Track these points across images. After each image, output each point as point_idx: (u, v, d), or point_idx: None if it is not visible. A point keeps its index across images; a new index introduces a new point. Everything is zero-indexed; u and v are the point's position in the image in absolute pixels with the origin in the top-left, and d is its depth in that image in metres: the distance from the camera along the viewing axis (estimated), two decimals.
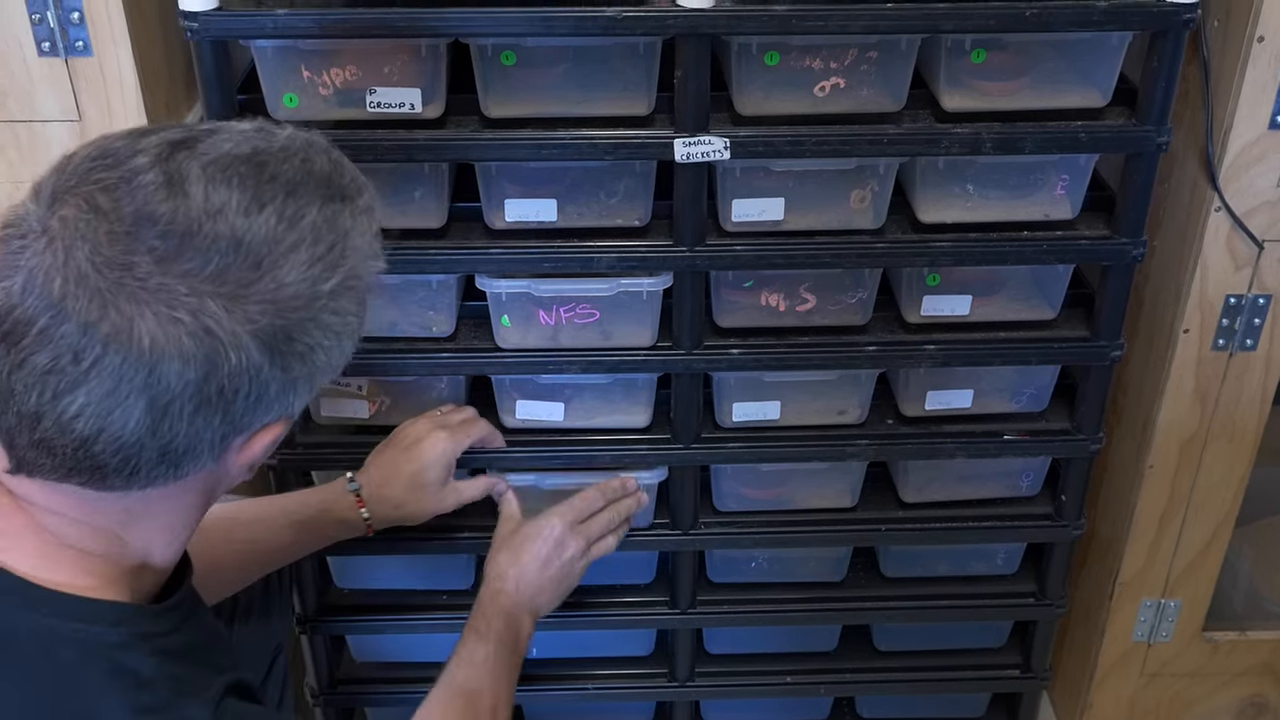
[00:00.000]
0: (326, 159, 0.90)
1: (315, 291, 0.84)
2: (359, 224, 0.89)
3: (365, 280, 0.89)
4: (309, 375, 0.87)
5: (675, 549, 1.60)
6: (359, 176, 0.92)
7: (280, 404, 0.87)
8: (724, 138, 1.30)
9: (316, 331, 0.85)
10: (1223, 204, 1.40)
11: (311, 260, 0.84)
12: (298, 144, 0.89)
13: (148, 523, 0.92)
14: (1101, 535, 1.72)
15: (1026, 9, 1.24)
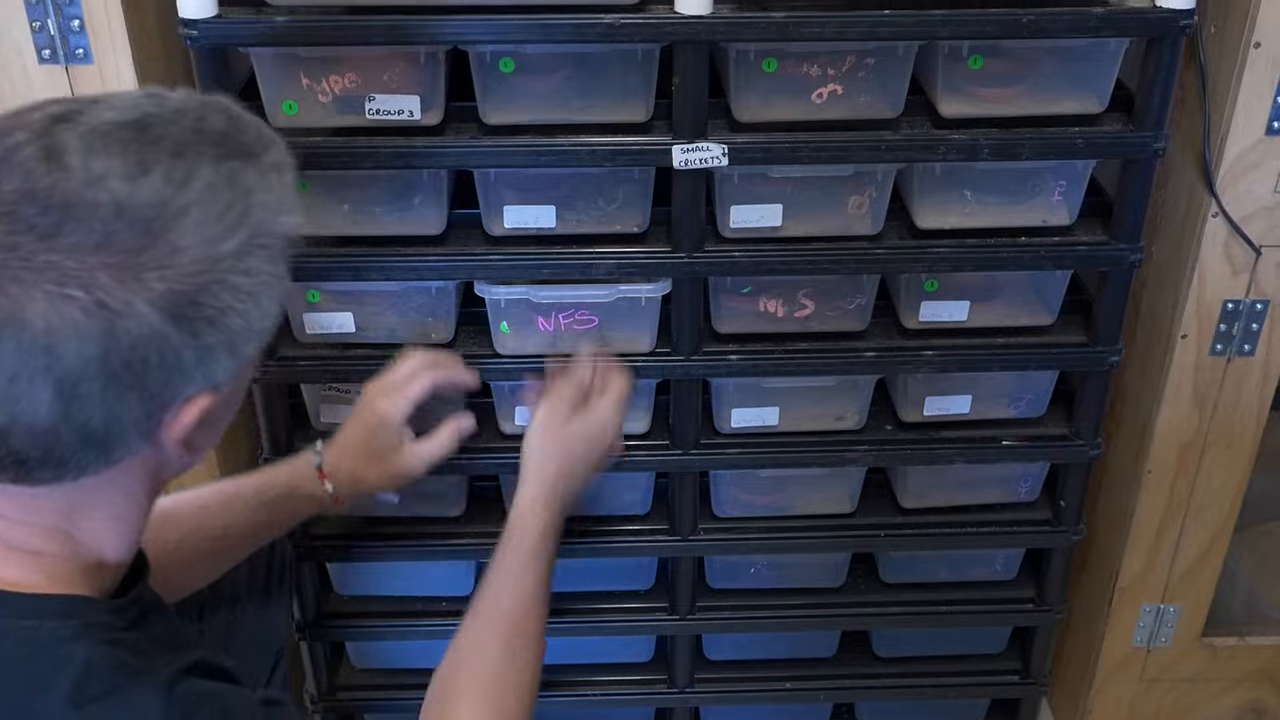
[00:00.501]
0: (224, 117, 0.86)
1: (216, 253, 0.81)
2: (266, 181, 0.86)
3: (278, 237, 0.86)
4: (227, 341, 0.84)
5: (674, 555, 1.61)
6: (265, 133, 0.89)
7: (201, 373, 0.84)
8: (722, 144, 1.30)
9: (225, 294, 0.82)
10: (1220, 209, 1.40)
11: (207, 221, 0.81)
12: (191, 105, 0.85)
13: (93, 515, 0.90)
14: (1100, 541, 1.72)
15: (1023, 15, 1.25)
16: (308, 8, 1.25)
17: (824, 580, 1.68)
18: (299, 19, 1.24)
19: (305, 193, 1.36)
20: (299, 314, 1.43)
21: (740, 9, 1.25)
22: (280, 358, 1.44)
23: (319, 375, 1.47)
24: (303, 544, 1.54)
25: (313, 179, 1.36)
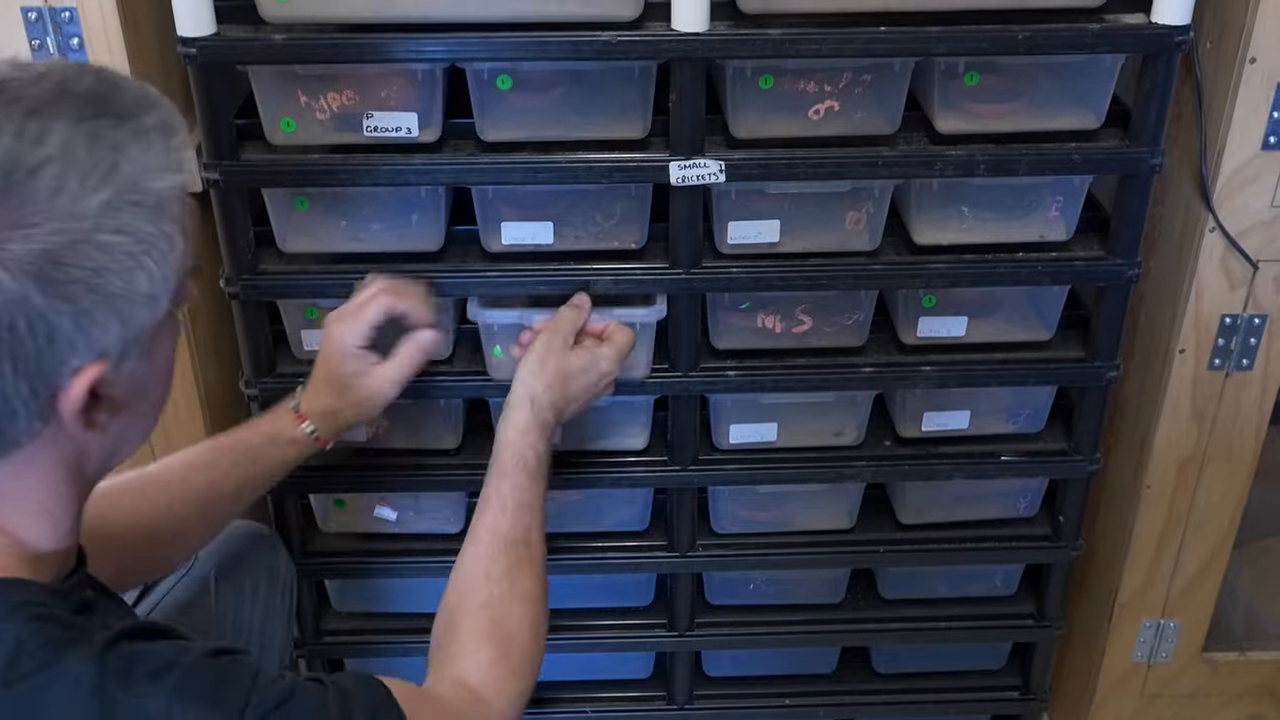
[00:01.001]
0: (97, 79, 0.84)
1: (78, 209, 0.79)
2: (144, 141, 0.83)
3: (155, 194, 0.83)
4: (107, 303, 0.81)
5: (673, 571, 1.60)
6: (148, 96, 0.86)
7: (84, 340, 0.81)
8: (719, 161, 1.30)
9: (97, 254, 0.80)
10: (1217, 224, 1.40)
11: (64, 177, 0.78)
12: (57, 70, 0.83)
13: (17, 507, 0.88)
14: (1100, 556, 1.72)
15: (1019, 32, 1.25)
16: (305, 25, 1.26)
17: (823, 596, 1.68)
18: (297, 37, 1.24)
19: (303, 210, 1.37)
20: (296, 330, 1.43)
21: (737, 26, 1.26)
22: (279, 374, 1.44)
23: None
24: (302, 561, 1.54)
25: (310, 196, 1.36)
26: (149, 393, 0.91)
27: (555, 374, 1.30)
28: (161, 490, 1.23)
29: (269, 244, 1.38)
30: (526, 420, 1.27)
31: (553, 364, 1.30)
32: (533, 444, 1.26)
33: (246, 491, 1.31)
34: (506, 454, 1.26)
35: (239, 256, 1.35)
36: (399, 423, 1.48)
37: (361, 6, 1.24)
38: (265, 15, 1.24)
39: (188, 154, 0.87)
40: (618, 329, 1.36)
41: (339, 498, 1.54)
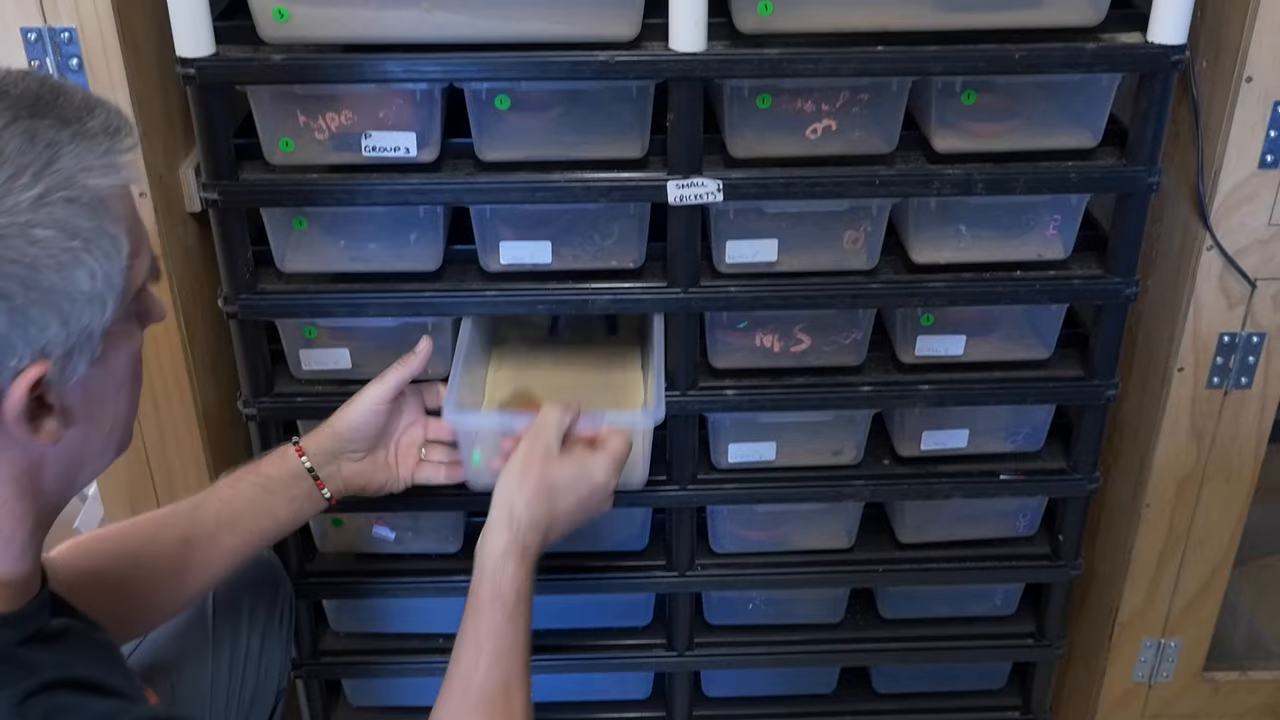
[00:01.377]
0: (40, 84, 0.84)
1: (8, 204, 0.78)
2: (86, 144, 0.82)
3: (93, 191, 0.82)
4: (44, 299, 0.80)
5: (672, 591, 1.60)
6: (94, 101, 0.86)
7: (21, 338, 0.80)
8: (717, 180, 1.31)
9: (31, 248, 0.79)
10: (1214, 243, 1.41)
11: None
12: (1, 75, 0.84)
13: None
14: (1100, 575, 1.72)
15: (1015, 51, 1.26)
16: (304, 46, 1.26)
17: (823, 616, 1.68)
18: (296, 57, 1.25)
19: (302, 230, 1.37)
20: (295, 350, 1.43)
21: (734, 46, 1.26)
22: (276, 394, 1.44)
23: (316, 411, 1.46)
24: (299, 581, 1.53)
25: (309, 215, 1.36)
26: (106, 403, 0.89)
27: (538, 488, 1.19)
28: (170, 529, 1.22)
29: (267, 263, 1.38)
30: (505, 545, 1.17)
31: (535, 476, 1.19)
32: (511, 575, 1.16)
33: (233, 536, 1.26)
34: (484, 588, 1.16)
35: (237, 276, 1.35)
36: None
37: (360, 27, 1.24)
38: (264, 36, 1.24)
39: (132, 156, 0.87)
40: (612, 433, 1.26)
41: (337, 517, 1.54)
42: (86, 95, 0.86)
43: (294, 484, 1.28)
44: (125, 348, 0.90)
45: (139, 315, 0.92)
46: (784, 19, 1.25)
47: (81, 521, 1.56)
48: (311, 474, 1.28)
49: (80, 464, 0.91)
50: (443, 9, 1.23)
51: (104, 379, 0.88)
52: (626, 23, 1.24)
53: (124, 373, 0.91)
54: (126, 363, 0.91)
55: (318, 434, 1.30)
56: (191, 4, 1.21)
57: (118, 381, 0.90)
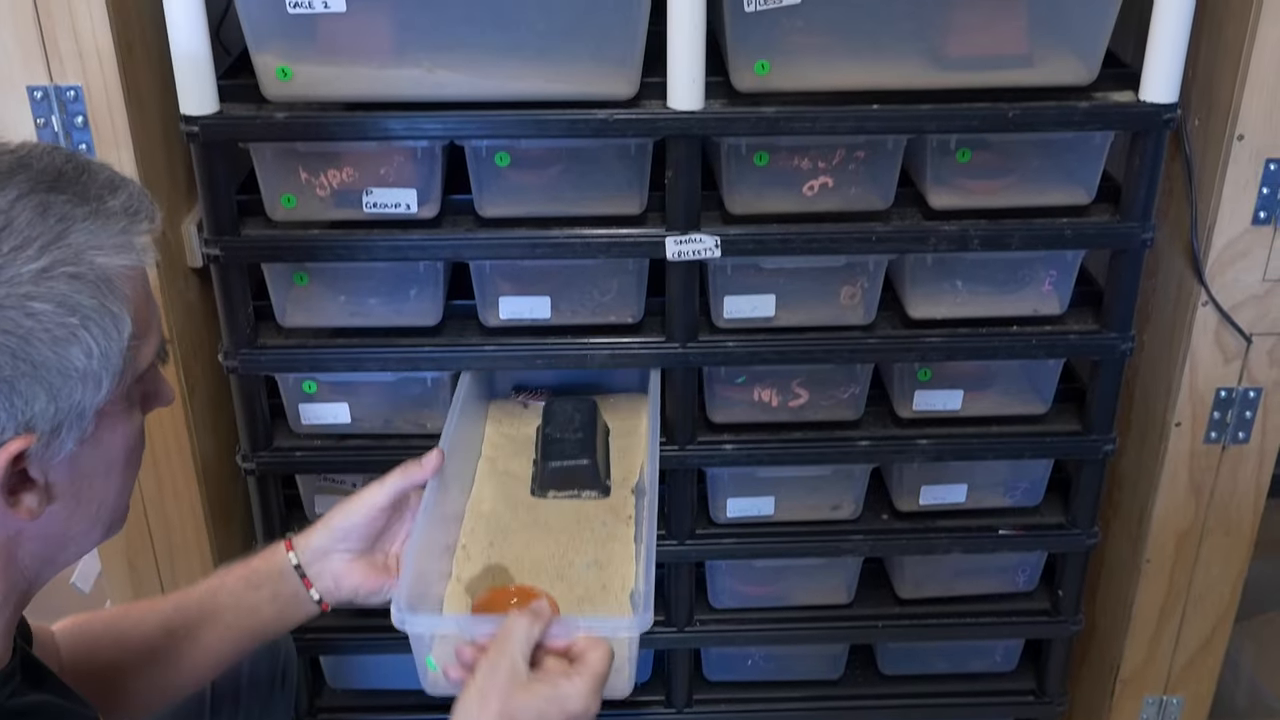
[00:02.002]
0: (67, 160, 0.84)
1: (9, 275, 0.77)
2: (102, 222, 0.82)
3: (100, 269, 0.81)
4: (34, 373, 0.79)
5: (671, 647, 1.59)
6: (120, 181, 0.86)
7: (6, 410, 0.79)
8: (715, 236, 1.32)
9: (26, 320, 0.78)
10: (1210, 298, 1.41)
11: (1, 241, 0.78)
12: (27, 147, 0.84)
13: None
14: (1101, 631, 1.71)
15: (1009, 110, 1.27)
16: (307, 104, 1.28)
17: (822, 672, 1.67)
18: (298, 115, 1.26)
19: (302, 285, 1.38)
20: (295, 405, 1.43)
21: (732, 104, 1.28)
22: (275, 448, 1.44)
23: (314, 466, 1.47)
24: (296, 636, 1.52)
25: (310, 271, 1.37)
26: (94, 483, 0.87)
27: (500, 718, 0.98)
28: (155, 615, 1.18)
29: (268, 318, 1.39)
30: None
31: (496, 704, 0.97)
32: None
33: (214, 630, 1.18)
34: None
35: (238, 331, 1.36)
36: None
37: (362, 86, 1.26)
38: (267, 94, 1.26)
39: (150, 239, 0.86)
40: (590, 644, 1.03)
41: None
42: (113, 176, 0.86)
43: (280, 581, 1.19)
44: (121, 429, 0.87)
45: (143, 398, 0.91)
46: (780, 78, 1.27)
47: (78, 575, 1.55)
48: (298, 571, 1.18)
49: (62, 543, 0.89)
50: (444, 68, 1.25)
51: (94, 458, 0.86)
52: (625, 81, 1.26)
53: (117, 454, 0.88)
54: (121, 444, 0.88)
55: (311, 530, 1.20)
56: (196, 63, 1.23)
57: (109, 462, 0.88)
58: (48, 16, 1.23)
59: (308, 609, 1.20)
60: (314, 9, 1.21)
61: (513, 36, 1.24)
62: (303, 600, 1.19)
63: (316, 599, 1.19)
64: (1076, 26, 1.27)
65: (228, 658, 1.21)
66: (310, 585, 1.18)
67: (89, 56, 1.25)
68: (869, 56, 1.28)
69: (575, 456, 1.31)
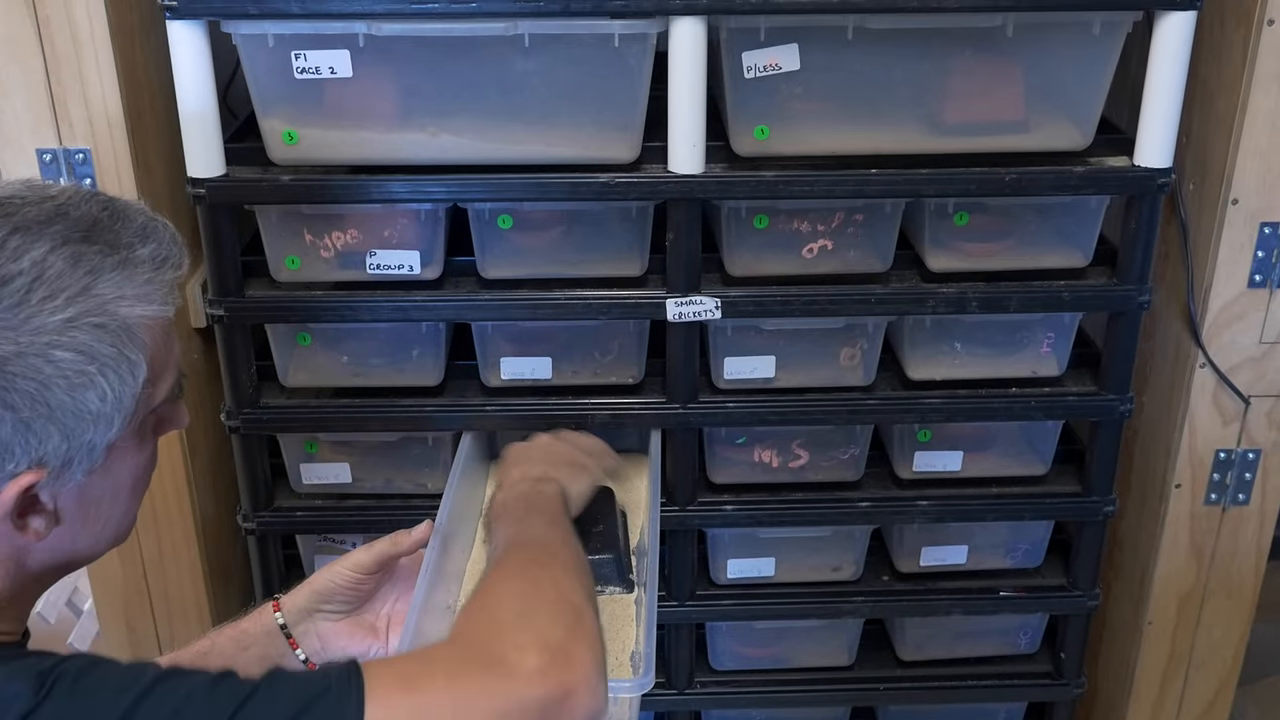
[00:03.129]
0: (103, 208, 0.87)
1: (35, 324, 0.80)
2: (126, 270, 0.85)
3: (123, 320, 0.84)
4: (49, 415, 0.82)
5: (671, 710, 1.58)
6: (152, 230, 0.88)
7: (21, 447, 0.82)
8: (715, 298, 1.33)
9: (46, 367, 0.81)
10: (1207, 360, 1.42)
11: (31, 293, 0.81)
12: (67, 194, 0.87)
13: None
14: (1104, 694, 1.70)
15: (1006, 174, 1.29)
16: (311, 167, 1.29)
17: None
18: (303, 178, 1.28)
19: (305, 345, 1.39)
20: (296, 464, 1.44)
21: (732, 168, 1.29)
22: (276, 508, 1.44)
23: (314, 526, 1.47)
24: None
25: (313, 331, 1.38)
26: (102, 507, 0.90)
27: (515, 460, 1.16)
28: None
29: (271, 378, 1.39)
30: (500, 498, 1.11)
31: (510, 459, 1.17)
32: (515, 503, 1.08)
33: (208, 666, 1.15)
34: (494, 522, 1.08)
35: (240, 390, 1.37)
36: None
37: (367, 149, 1.27)
38: (273, 157, 1.27)
39: (174, 284, 0.88)
40: None
41: None
42: (147, 222, 0.88)
43: (268, 642, 1.17)
44: (132, 459, 0.90)
45: (156, 425, 0.93)
46: (780, 143, 1.28)
47: (75, 637, 1.55)
48: (284, 631, 1.17)
49: (69, 557, 0.92)
50: (447, 132, 1.27)
51: (103, 486, 0.89)
52: (626, 146, 1.28)
53: (125, 481, 0.91)
54: (130, 473, 0.91)
55: (297, 591, 1.19)
56: (204, 126, 1.25)
57: (117, 489, 0.91)
58: (59, 82, 1.25)
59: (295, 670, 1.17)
60: (320, 74, 1.23)
61: (516, 101, 1.26)
62: (290, 661, 1.18)
63: (303, 659, 1.18)
64: (1072, 93, 1.29)
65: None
66: (296, 646, 1.17)
67: (98, 120, 1.27)
68: (868, 122, 1.30)
69: (599, 551, 1.25)
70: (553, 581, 0.95)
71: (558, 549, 1.02)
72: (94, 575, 1.48)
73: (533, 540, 1.03)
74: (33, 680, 0.81)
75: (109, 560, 1.46)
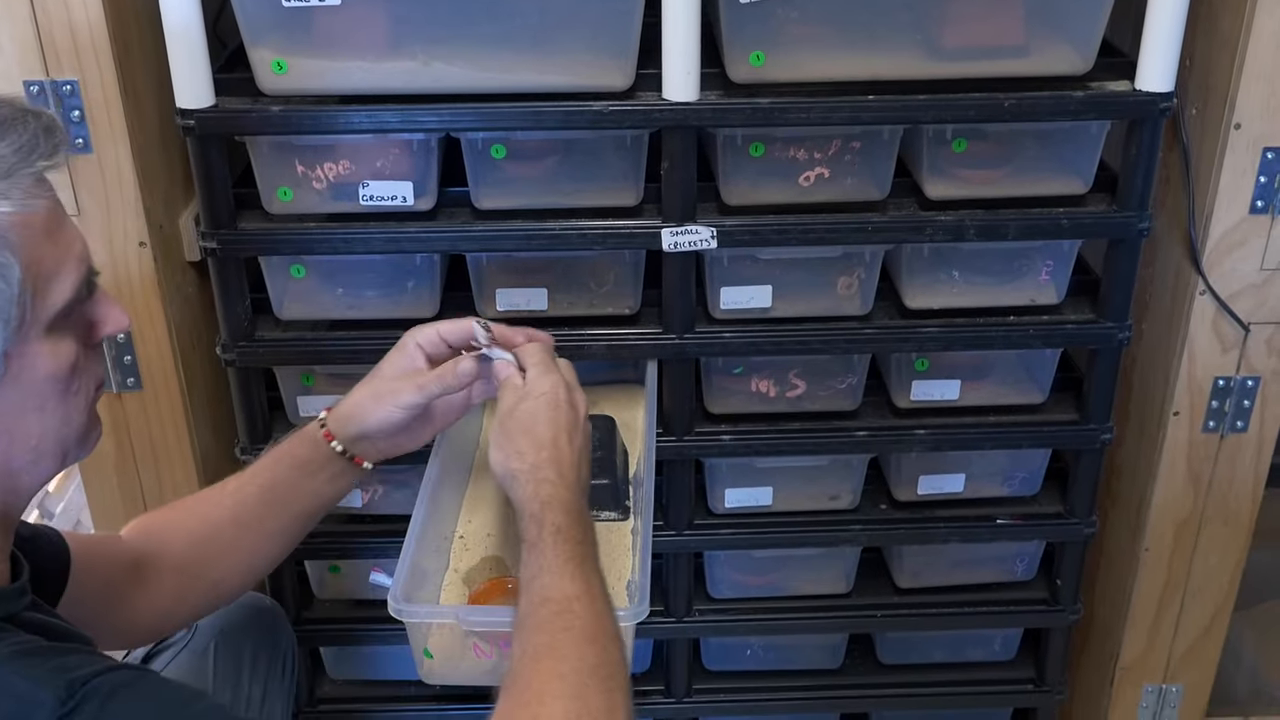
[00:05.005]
0: None
1: None
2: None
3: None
4: None
5: (670, 637, 1.60)
6: (12, 121, 0.85)
7: None
8: (711, 227, 1.32)
9: None
10: (1207, 287, 1.41)
11: None
12: None
13: None
14: (1100, 620, 1.71)
15: (1005, 99, 1.27)
16: (302, 97, 1.28)
17: (822, 662, 1.67)
18: (294, 108, 1.26)
19: (300, 278, 1.38)
20: (292, 397, 1.44)
21: (727, 96, 1.28)
22: (275, 441, 1.44)
23: None
24: (297, 628, 1.53)
25: (307, 264, 1.37)
26: (27, 421, 0.88)
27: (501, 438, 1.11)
28: (209, 506, 1.23)
29: (266, 311, 1.39)
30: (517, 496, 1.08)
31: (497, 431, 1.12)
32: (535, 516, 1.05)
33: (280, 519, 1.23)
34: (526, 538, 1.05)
35: (235, 324, 1.36)
36: (394, 487, 1.48)
37: (357, 79, 1.26)
38: (263, 87, 1.26)
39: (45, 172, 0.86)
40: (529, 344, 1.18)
41: (334, 564, 1.54)
42: (13, 114, 0.85)
43: (331, 464, 1.22)
44: (43, 364, 0.87)
45: (85, 328, 0.91)
46: (776, 69, 1.27)
47: None
48: (345, 455, 1.21)
49: (9, 476, 0.90)
50: (439, 60, 1.25)
51: (18, 397, 0.87)
52: (620, 73, 1.26)
53: (45, 387, 0.88)
54: (48, 379, 0.88)
55: (345, 421, 1.20)
56: (192, 57, 1.23)
57: (38, 396, 0.88)
58: (44, 12, 1.24)
59: (364, 475, 1.25)
60: (309, 2, 1.21)
61: (508, 28, 1.24)
62: (357, 471, 1.24)
63: (368, 466, 1.24)
64: (1072, 16, 1.27)
65: (293, 539, 1.27)
66: (360, 461, 1.23)
67: (85, 51, 1.26)
68: (865, 47, 1.28)
69: (594, 477, 1.26)
70: (603, 699, 0.94)
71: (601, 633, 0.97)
72: (95, 510, 1.49)
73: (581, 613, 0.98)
74: (61, 690, 0.80)
75: (109, 495, 1.47)
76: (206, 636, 1.34)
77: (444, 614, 1.16)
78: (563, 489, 1.07)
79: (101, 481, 1.46)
